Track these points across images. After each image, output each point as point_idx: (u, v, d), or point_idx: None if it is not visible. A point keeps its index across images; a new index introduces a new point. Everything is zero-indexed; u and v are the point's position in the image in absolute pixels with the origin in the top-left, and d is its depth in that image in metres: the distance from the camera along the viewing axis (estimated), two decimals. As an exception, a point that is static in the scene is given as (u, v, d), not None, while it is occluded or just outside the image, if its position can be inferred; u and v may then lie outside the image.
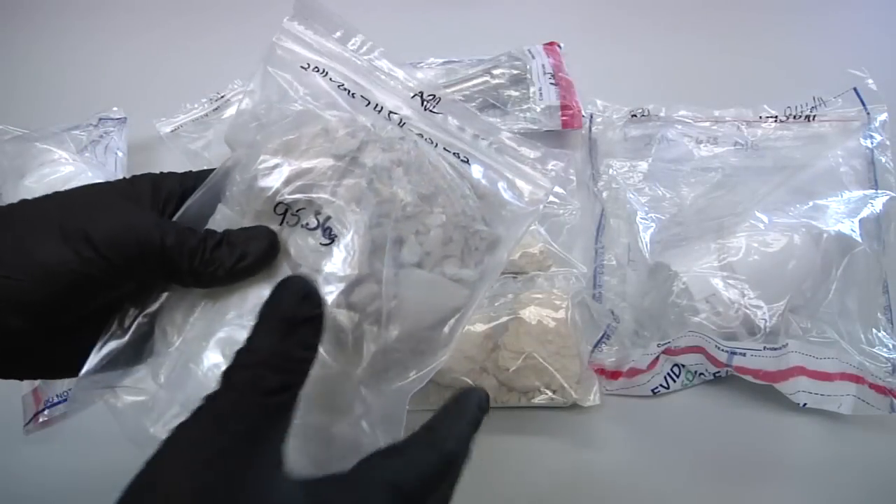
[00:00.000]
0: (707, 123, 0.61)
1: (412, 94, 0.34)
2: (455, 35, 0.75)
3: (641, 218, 0.56)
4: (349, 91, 0.34)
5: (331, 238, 0.29)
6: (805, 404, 0.45)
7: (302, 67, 0.34)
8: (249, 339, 0.24)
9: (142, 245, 0.28)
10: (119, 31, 0.82)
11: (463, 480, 0.32)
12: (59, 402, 0.51)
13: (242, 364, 0.24)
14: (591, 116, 0.63)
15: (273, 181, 0.30)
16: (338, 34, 0.36)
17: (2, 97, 0.76)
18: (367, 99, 0.34)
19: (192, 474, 0.21)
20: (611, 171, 0.60)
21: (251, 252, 0.29)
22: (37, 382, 0.52)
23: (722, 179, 0.58)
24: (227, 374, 0.23)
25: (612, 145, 0.62)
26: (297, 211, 0.30)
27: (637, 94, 0.64)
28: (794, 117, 0.60)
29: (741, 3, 0.78)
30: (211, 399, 0.23)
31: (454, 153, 0.33)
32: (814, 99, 0.59)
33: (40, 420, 0.51)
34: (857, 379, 0.46)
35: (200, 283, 0.29)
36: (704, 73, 0.70)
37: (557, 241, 0.57)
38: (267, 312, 0.25)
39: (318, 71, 0.34)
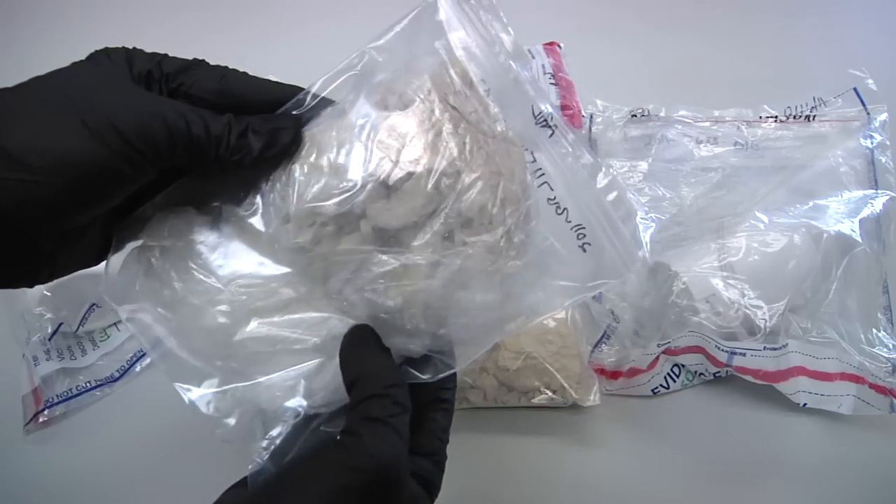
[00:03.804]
0: (707, 123, 0.61)
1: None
2: (455, 35, 0.75)
3: (641, 218, 0.56)
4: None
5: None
6: (805, 404, 0.45)
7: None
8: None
9: (171, 133, 0.27)
10: (119, 31, 0.82)
11: (463, 480, 0.32)
12: (59, 402, 0.51)
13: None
14: (591, 116, 0.63)
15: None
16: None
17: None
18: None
19: None
20: (611, 170, 0.60)
21: (279, 141, 0.30)
22: (36, 382, 0.52)
23: (722, 179, 0.58)
24: None
25: (613, 145, 0.62)
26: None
27: (637, 94, 0.64)
28: (794, 117, 0.60)
29: (741, 3, 0.78)
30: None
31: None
32: (814, 99, 0.59)
33: (40, 420, 0.51)
34: (857, 379, 0.46)
35: (224, 169, 0.29)
36: (704, 73, 0.70)
37: (558, 241, 0.57)
38: None
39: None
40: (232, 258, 0.32)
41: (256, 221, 0.31)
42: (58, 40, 0.81)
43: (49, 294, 0.51)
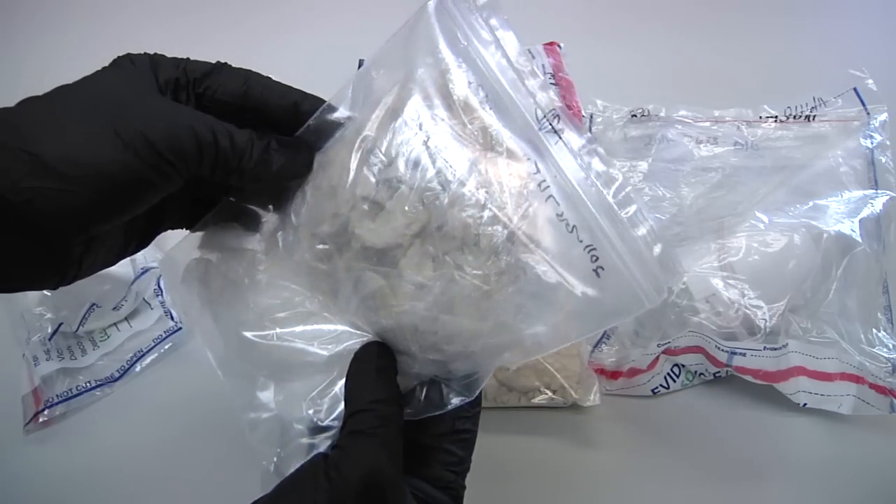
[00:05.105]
0: (707, 123, 0.61)
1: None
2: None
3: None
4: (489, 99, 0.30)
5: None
6: (805, 404, 0.45)
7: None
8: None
9: (200, 144, 0.28)
10: (120, 31, 0.82)
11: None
12: (59, 402, 0.51)
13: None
14: (591, 116, 0.63)
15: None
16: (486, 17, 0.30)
17: (2, 98, 0.76)
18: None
19: None
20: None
21: (298, 162, 0.31)
22: (36, 382, 0.52)
23: (722, 179, 0.58)
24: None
25: (613, 145, 0.61)
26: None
27: (637, 94, 0.64)
28: (794, 117, 0.60)
29: (742, 3, 0.78)
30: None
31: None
32: (814, 99, 0.59)
33: (40, 420, 0.51)
34: (857, 379, 0.46)
35: (244, 181, 0.30)
36: (704, 73, 0.70)
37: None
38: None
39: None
40: (262, 270, 0.33)
41: (280, 238, 0.33)
42: (58, 40, 0.81)
43: (49, 294, 0.51)
